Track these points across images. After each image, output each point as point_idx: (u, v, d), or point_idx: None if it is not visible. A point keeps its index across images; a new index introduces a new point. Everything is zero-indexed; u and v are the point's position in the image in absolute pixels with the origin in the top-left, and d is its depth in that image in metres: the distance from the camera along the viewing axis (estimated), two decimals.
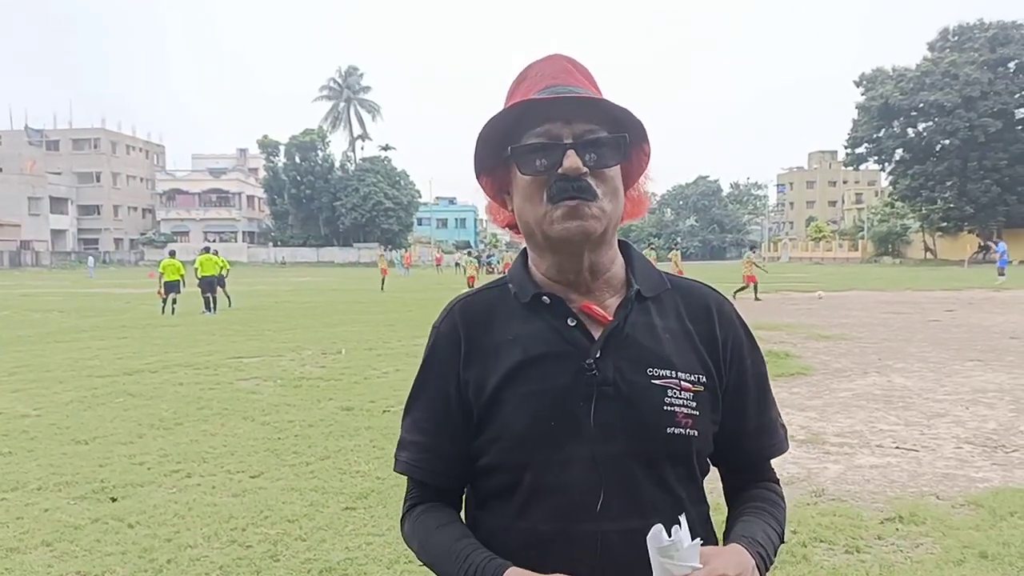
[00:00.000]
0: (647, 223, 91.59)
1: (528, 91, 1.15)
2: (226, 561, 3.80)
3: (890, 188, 63.86)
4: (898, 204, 63.85)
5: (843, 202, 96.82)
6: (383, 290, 28.69)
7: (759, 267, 23.11)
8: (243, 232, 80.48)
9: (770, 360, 8.67)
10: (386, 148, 77.65)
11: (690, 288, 1.24)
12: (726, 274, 27.97)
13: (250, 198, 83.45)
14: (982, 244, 52.85)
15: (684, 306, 1.19)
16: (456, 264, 54.30)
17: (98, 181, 77.98)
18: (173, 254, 20.49)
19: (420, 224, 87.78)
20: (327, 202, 73.85)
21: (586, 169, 1.08)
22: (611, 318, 1.14)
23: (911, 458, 5.56)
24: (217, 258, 20.54)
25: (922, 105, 51.48)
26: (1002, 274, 28.46)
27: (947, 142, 52.41)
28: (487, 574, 1.05)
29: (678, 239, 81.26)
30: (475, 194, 1.61)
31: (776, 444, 1.24)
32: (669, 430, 1.10)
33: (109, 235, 78.11)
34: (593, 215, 1.09)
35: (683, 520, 0.96)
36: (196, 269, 19.74)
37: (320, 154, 74.38)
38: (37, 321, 17.56)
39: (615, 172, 1.13)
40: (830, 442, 6.03)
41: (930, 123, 53.10)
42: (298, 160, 73.54)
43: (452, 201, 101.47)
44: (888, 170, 59.07)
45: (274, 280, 41.38)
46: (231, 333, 14.35)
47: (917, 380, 8.70)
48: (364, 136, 79.83)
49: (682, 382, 1.12)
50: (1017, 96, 51.77)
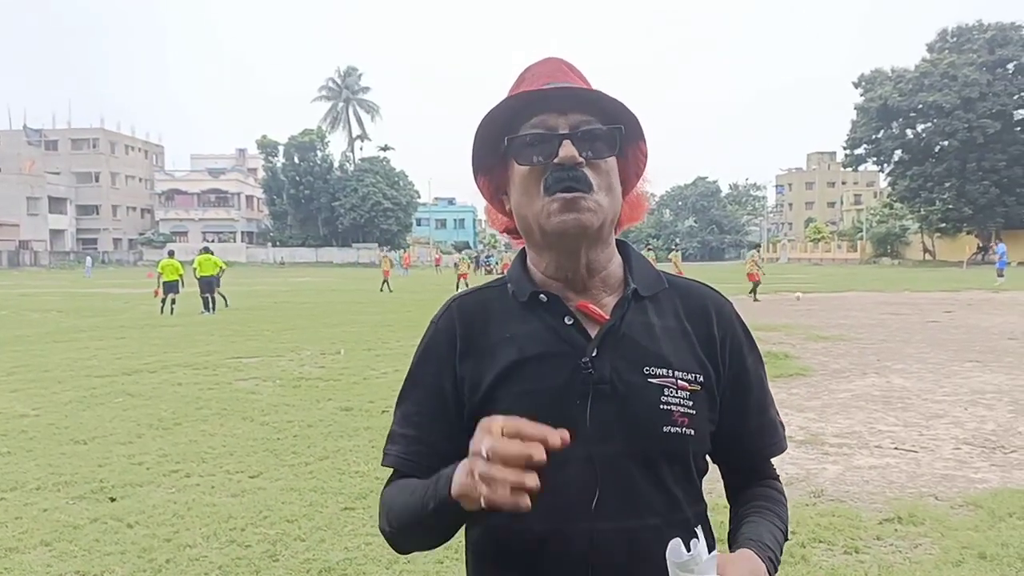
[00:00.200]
0: (645, 224, 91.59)
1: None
2: (225, 561, 3.80)
3: (889, 189, 63.98)
4: (897, 205, 63.90)
5: (842, 203, 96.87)
6: (386, 291, 28.12)
7: (760, 267, 23.26)
8: (242, 232, 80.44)
9: (769, 361, 8.65)
10: (385, 148, 77.71)
11: (688, 288, 1.24)
12: (726, 275, 28.01)
13: (249, 198, 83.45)
14: (981, 245, 52.94)
15: (682, 306, 1.20)
16: (455, 265, 54.28)
17: (97, 181, 77.89)
18: (172, 254, 20.48)
19: (419, 224, 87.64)
20: (326, 202, 73.80)
21: (582, 159, 1.08)
22: (608, 317, 1.14)
23: (910, 459, 5.57)
24: (214, 258, 20.54)
25: (921, 106, 51.55)
26: (1001, 275, 28.50)
27: (946, 143, 52.39)
28: (440, 483, 1.01)
29: (677, 240, 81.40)
30: (474, 195, 1.61)
31: (776, 443, 1.25)
32: (666, 429, 1.10)
33: (108, 235, 78.03)
34: (589, 208, 1.09)
35: (700, 533, 0.96)
36: (195, 269, 19.74)
37: (319, 154, 74.31)
38: (36, 321, 17.55)
39: (611, 167, 1.13)
40: (829, 443, 6.04)
41: (929, 124, 53.15)
42: (297, 160, 73.50)
43: (451, 202, 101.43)
44: (887, 171, 59.13)
45: (273, 280, 41.35)
46: (230, 333, 14.35)
47: (916, 381, 8.71)
48: (363, 136, 79.88)
49: (679, 381, 1.12)
50: (1016, 97, 51.83)
